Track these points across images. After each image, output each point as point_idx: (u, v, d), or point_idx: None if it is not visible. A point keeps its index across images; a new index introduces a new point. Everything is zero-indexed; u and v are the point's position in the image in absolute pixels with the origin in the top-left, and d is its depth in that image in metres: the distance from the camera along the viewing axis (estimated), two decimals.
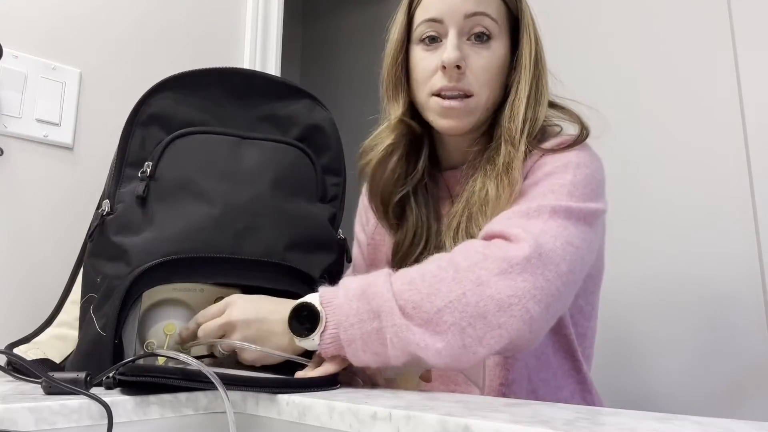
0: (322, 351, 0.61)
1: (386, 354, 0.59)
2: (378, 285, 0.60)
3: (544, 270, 0.61)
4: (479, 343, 0.57)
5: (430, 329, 0.57)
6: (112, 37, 1.07)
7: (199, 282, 0.73)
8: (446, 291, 0.58)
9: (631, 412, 0.44)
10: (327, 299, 0.62)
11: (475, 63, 0.78)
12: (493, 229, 0.66)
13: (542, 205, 0.68)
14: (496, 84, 0.80)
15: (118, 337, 0.63)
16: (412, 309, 0.58)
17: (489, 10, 0.78)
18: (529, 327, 0.58)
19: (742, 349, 1.16)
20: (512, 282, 0.59)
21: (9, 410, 0.43)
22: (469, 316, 0.57)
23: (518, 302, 0.58)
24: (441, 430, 0.40)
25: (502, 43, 0.80)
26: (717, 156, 1.24)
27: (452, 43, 0.77)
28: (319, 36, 2.69)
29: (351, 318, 0.59)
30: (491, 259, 0.60)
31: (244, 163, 0.74)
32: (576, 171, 0.73)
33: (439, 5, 0.79)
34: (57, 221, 0.96)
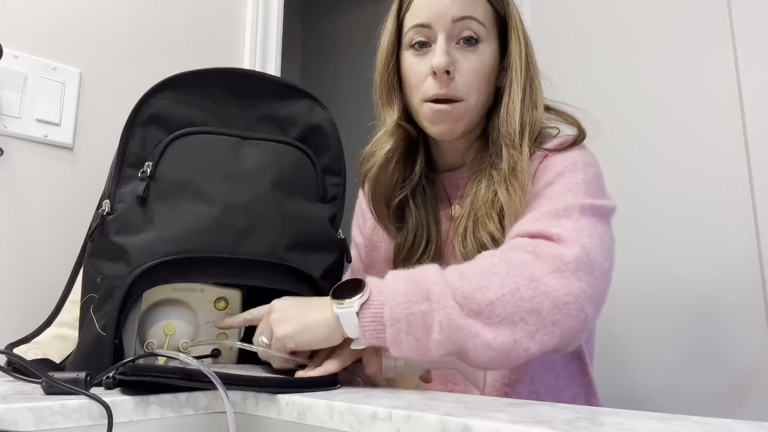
0: (362, 330, 0.59)
1: (428, 340, 0.57)
2: (428, 271, 0.60)
3: (593, 270, 0.61)
4: (531, 339, 0.57)
5: (481, 320, 0.57)
6: (112, 37, 1.07)
7: (199, 282, 0.73)
8: (499, 284, 0.58)
9: (630, 412, 0.44)
10: (373, 281, 0.61)
11: (463, 66, 0.79)
12: (529, 229, 0.66)
13: (570, 205, 0.68)
14: (485, 86, 0.81)
15: (118, 337, 0.63)
16: (462, 298, 0.57)
17: (476, 13, 0.79)
18: (583, 326, 0.59)
19: (742, 349, 1.16)
20: (566, 281, 0.59)
21: (9, 410, 0.43)
22: (522, 310, 0.57)
23: (574, 301, 0.58)
24: (441, 430, 0.40)
25: (490, 46, 0.81)
26: (717, 156, 1.24)
27: (441, 48, 0.78)
28: (319, 36, 2.69)
29: (398, 297, 0.58)
30: (543, 258, 0.60)
31: (245, 163, 0.74)
32: (585, 169, 0.74)
33: (428, 11, 0.79)
34: (57, 221, 0.96)
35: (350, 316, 0.59)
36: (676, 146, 1.30)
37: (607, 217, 0.71)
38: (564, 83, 0.85)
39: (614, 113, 1.38)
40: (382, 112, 0.87)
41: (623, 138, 1.35)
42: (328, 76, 2.56)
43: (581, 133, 0.79)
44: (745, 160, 1.20)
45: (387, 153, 0.84)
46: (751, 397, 1.15)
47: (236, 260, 0.69)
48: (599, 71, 1.45)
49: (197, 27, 1.20)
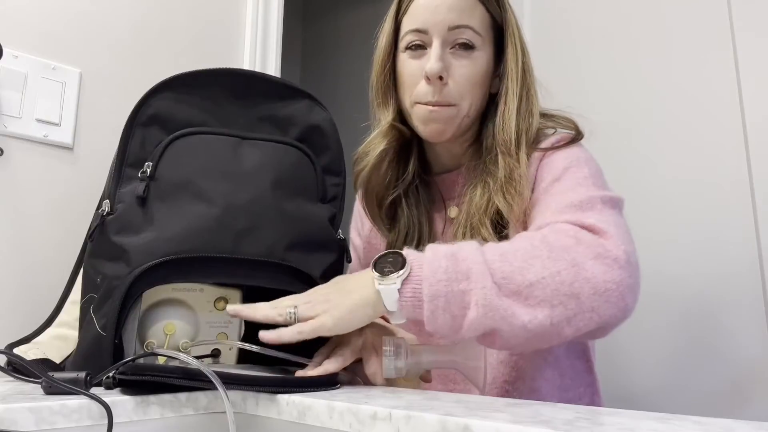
0: (400, 304, 0.59)
1: (463, 319, 0.57)
2: (468, 251, 0.60)
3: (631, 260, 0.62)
4: (567, 323, 0.57)
5: (519, 301, 0.57)
6: (112, 37, 1.07)
7: (199, 282, 0.73)
8: (540, 267, 0.58)
9: (630, 412, 0.44)
10: (413, 255, 0.61)
11: (457, 72, 0.80)
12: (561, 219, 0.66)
13: (592, 197, 0.69)
14: (478, 92, 0.82)
15: (118, 337, 0.63)
16: (501, 278, 0.57)
17: (472, 22, 0.80)
18: (623, 314, 0.60)
19: (742, 349, 1.16)
20: (608, 268, 0.59)
21: (9, 410, 0.43)
22: (562, 294, 0.57)
23: (616, 289, 0.58)
24: (441, 430, 0.40)
25: (485, 53, 0.82)
26: (717, 155, 1.24)
27: (435, 54, 0.79)
28: (319, 36, 2.69)
29: (439, 274, 0.58)
30: (585, 244, 0.61)
31: (245, 163, 0.74)
32: (588, 164, 0.75)
33: (425, 17, 0.80)
34: (57, 221, 0.96)
35: (392, 292, 0.59)
36: (676, 146, 1.30)
37: (621, 207, 0.72)
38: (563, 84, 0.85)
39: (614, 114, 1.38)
40: (377, 112, 0.88)
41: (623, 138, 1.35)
42: (328, 76, 2.56)
43: (579, 133, 0.79)
44: (745, 160, 1.20)
45: (380, 153, 0.85)
46: (751, 397, 1.14)
47: (236, 260, 0.69)
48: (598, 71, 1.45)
49: (197, 27, 1.20)
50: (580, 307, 0.57)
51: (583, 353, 0.83)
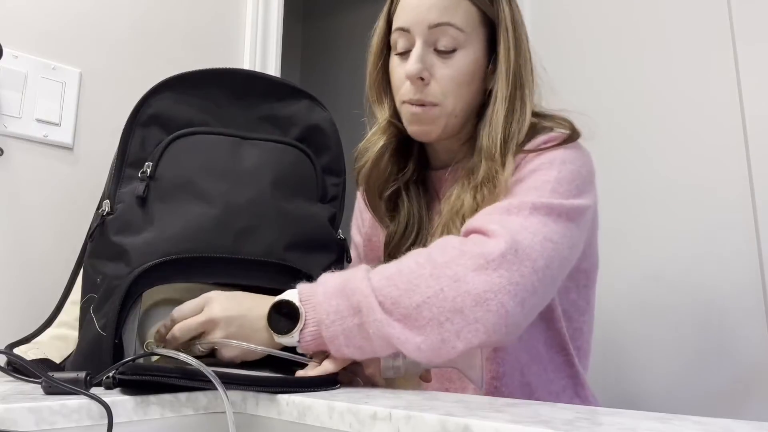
0: (302, 348, 0.62)
1: (370, 347, 0.60)
2: (357, 280, 0.61)
3: (520, 266, 0.62)
4: (457, 337, 0.58)
5: (409, 324, 0.59)
6: (112, 36, 1.07)
7: (199, 282, 0.73)
8: (424, 287, 0.59)
9: (630, 412, 0.44)
10: (306, 296, 0.62)
11: (439, 72, 0.78)
12: (472, 224, 0.68)
13: (523, 202, 0.69)
14: (465, 91, 0.80)
15: (118, 337, 0.63)
16: (391, 305, 0.59)
17: (455, 19, 0.77)
18: (504, 321, 0.59)
19: (742, 349, 1.16)
20: (488, 277, 0.60)
21: (9, 410, 0.43)
22: (446, 311, 0.58)
23: (494, 297, 0.59)
24: (441, 430, 0.40)
25: (472, 51, 0.79)
26: (717, 156, 1.24)
27: (415, 55, 0.78)
28: (319, 36, 2.69)
29: (331, 315, 0.60)
30: (468, 255, 0.61)
31: (244, 163, 0.74)
32: (561, 167, 0.74)
33: (407, 15, 0.79)
34: (57, 221, 0.96)
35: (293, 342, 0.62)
36: (676, 147, 1.30)
37: (570, 216, 0.70)
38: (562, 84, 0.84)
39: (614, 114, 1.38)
40: (374, 109, 0.88)
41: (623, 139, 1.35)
42: (327, 76, 2.56)
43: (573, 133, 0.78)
44: (745, 160, 1.20)
45: (380, 149, 0.85)
46: (751, 397, 1.14)
47: (236, 260, 0.69)
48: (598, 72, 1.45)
49: (197, 27, 1.20)
50: (465, 320, 0.58)
51: (561, 348, 0.83)
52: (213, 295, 0.67)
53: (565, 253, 0.69)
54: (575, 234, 0.71)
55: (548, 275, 0.65)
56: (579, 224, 0.72)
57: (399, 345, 0.59)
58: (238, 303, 0.66)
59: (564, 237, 0.68)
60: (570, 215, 0.70)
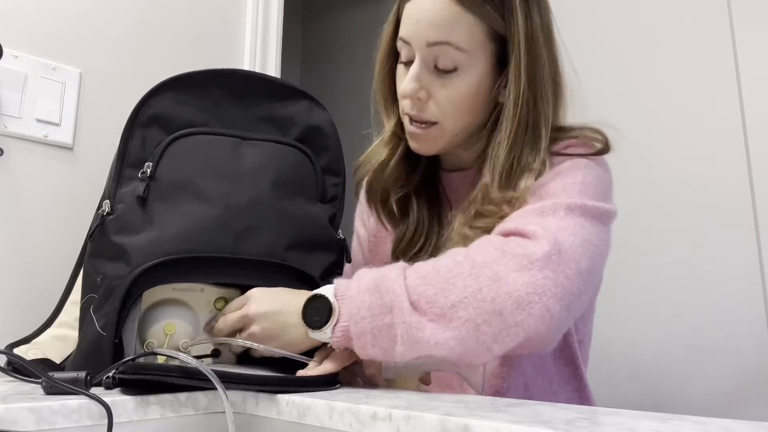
0: (333, 343, 0.61)
1: (393, 350, 0.58)
2: (391, 279, 0.59)
3: (565, 267, 0.59)
4: (494, 341, 0.56)
5: (442, 324, 0.56)
6: (112, 37, 1.07)
7: (199, 282, 0.73)
8: (462, 286, 0.57)
9: (630, 412, 0.44)
10: (341, 292, 0.61)
11: (437, 93, 0.74)
12: (508, 227, 0.65)
13: (557, 203, 0.66)
14: (467, 112, 0.76)
15: (118, 337, 0.63)
16: (425, 304, 0.57)
17: (455, 37, 0.71)
18: (548, 326, 0.57)
19: (742, 349, 1.16)
20: (532, 278, 0.57)
21: (9, 410, 0.43)
22: (484, 312, 0.56)
23: (538, 300, 0.56)
24: (441, 430, 0.40)
25: (474, 70, 0.73)
26: (717, 156, 1.24)
27: (412, 73, 0.74)
28: (319, 36, 2.69)
29: (363, 311, 0.59)
30: (510, 256, 0.59)
31: (244, 163, 0.74)
32: (585, 171, 0.72)
33: (409, 27, 0.74)
34: (57, 221, 0.96)
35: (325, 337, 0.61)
36: (676, 147, 1.30)
37: (602, 219, 0.69)
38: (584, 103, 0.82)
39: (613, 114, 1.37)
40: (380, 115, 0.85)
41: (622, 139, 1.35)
42: (327, 76, 2.56)
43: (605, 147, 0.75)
44: (745, 160, 1.20)
45: (382, 162, 0.83)
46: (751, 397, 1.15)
47: (236, 260, 0.69)
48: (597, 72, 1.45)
49: (197, 27, 1.20)
50: (505, 323, 0.56)
51: (570, 360, 0.81)
52: (255, 291, 0.69)
53: (604, 255, 0.67)
54: (607, 237, 0.69)
55: (591, 278, 0.63)
56: (609, 228, 0.71)
57: (429, 348, 0.56)
58: (274, 299, 0.67)
59: (601, 240, 0.66)
60: (602, 218, 0.68)
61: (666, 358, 1.25)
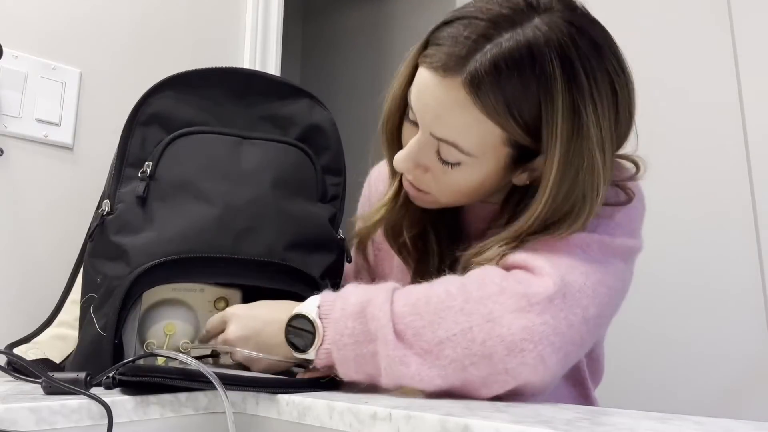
0: (316, 364, 0.58)
1: (378, 378, 0.55)
2: (377, 305, 0.55)
3: (569, 313, 0.53)
4: (482, 385, 0.52)
5: (428, 361, 0.52)
6: (112, 37, 1.07)
7: (199, 282, 0.73)
8: (452, 321, 0.52)
9: (630, 412, 0.44)
10: (325, 311, 0.58)
11: (437, 175, 0.64)
12: (515, 259, 0.59)
13: (575, 237, 0.59)
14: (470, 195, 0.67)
15: (118, 337, 0.63)
16: (412, 336, 0.53)
17: (463, 142, 0.60)
18: (541, 377, 0.52)
19: (742, 349, 1.16)
20: (529, 323, 0.51)
21: (9, 410, 0.43)
22: (473, 354, 0.51)
23: (533, 348, 0.51)
24: (441, 430, 0.40)
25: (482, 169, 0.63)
26: (717, 156, 1.24)
27: (410, 152, 0.63)
28: (319, 35, 2.69)
29: (345, 338, 0.55)
30: (508, 294, 0.53)
31: (245, 163, 0.74)
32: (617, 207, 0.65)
33: (416, 101, 0.62)
34: (57, 221, 0.96)
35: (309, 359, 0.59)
36: (676, 147, 1.30)
37: (624, 257, 0.62)
38: None
39: None
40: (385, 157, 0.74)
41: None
42: (328, 75, 2.56)
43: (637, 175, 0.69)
44: (745, 160, 1.20)
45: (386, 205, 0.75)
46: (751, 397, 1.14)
47: (236, 260, 0.69)
48: None
49: (197, 27, 1.20)
50: (494, 368, 0.51)
51: (579, 381, 0.76)
52: (234, 310, 0.66)
53: (618, 300, 0.61)
54: (627, 277, 0.63)
55: (598, 325, 0.57)
56: (631, 267, 0.65)
57: (413, 383, 0.53)
58: (254, 319, 0.64)
59: (618, 280, 0.60)
60: (624, 255, 0.62)
61: (666, 358, 1.25)
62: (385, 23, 2.21)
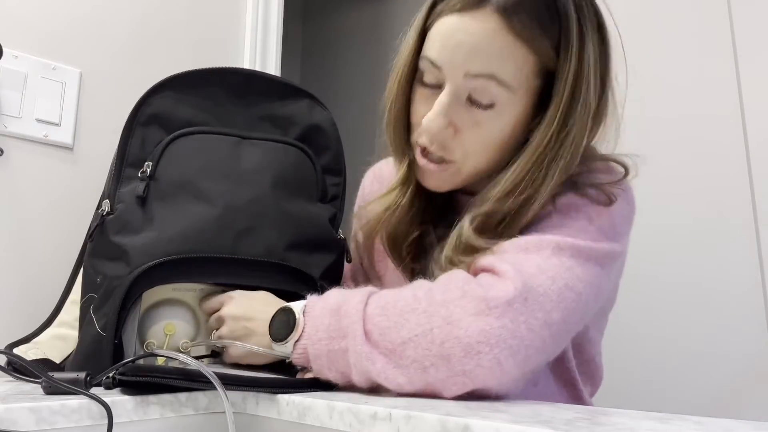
0: (294, 360, 0.60)
1: (350, 376, 0.56)
2: (352, 304, 0.57)
3: (529, 317, 0.53)
4: (442, 386, 0.52)
5: (393, 361, 0.53)
6: (112, 37, 1.07)
7: (199, 282, 0.73)
8: (414, 323, 0.53)
9: (630, 412, 0.44)
10: (308, 309, 0.60)
11: (467, 130, 0.64)
12: (482, 263, 0.59)
13: (544, 240, 0.59)
14: (494, 153, 0.67)
15: (118, 337, 0.63)
16: (378, 335, 0.54)
17: (502, 70, 0.61)
18: (498, 380, 0.52)
19: (742, 349, 1.16)
20: (486, 326, 0.52)
21: (9, 410, 0.43)
22: (432, 355, 0.52)
23: (489, 350, 0.51)
24: (441, 430, 0.40)
25: (514, 109, 0.64)
26: (717, 156, 1.24)
27: (440, 106, 0.63)
28: (319, 35, 2.69)
29: (320, 333, 0.57)
30: (469, 297, 0.54)
31: (244, 163, 0.74)
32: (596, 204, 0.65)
33: (443, 50, 0.63)
34: (57, 221, 0.96)
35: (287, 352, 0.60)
36: (676, 146, 1.30)
37: (600, 261, 0.61)
38: None
39: None
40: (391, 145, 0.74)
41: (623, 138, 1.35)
42: (328, 76, 2.56)
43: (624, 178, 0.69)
44: (745, 160, 1.20)
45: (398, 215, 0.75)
46: (751, 397, 1.14)
47: (236, 260, 0.69)
48: None
49: (197, 27, 1.20)
50: (452, 370, 0.51)
51: (570, 382, 0.76)
52: (235, 293, 0.70)
53: (588, 306, 0.59)
54: (603, 283, 0.61)
55: (562, 330, 0.56)
56: (608, 271, 0.62)
57: (380, 380, 0.54)
58: (250, 305, 0.67)
59: (589, 285, 0.58)
60: (600, 260, 0.60)
61: (666, 358, 1.25)
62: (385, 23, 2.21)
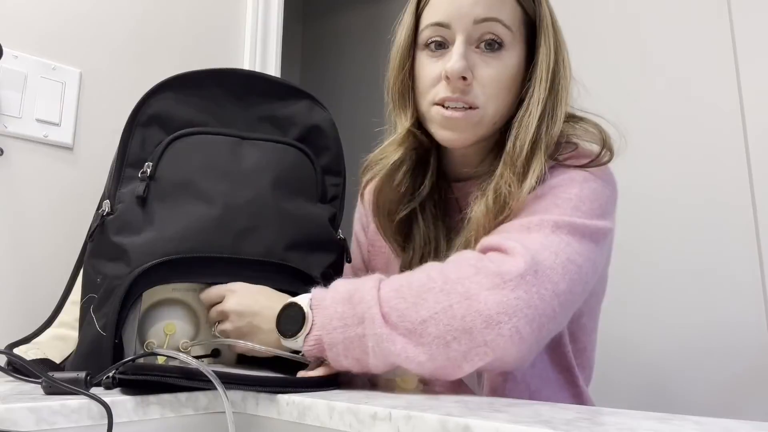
0: (305, 352, 0.61)
1: (367, 361, 0.58)
2: (365, 290, 0.59)
3: (540, 288, 0.58)
4: (464, 359, 0.55)
5: (413, 340, 0.56)
6: (112, 37, 1.07)
7: (199, 282, 0.73)
8: (432, 301, 0.56)
9: (630, 412, 0.44)
10: (316, 301, 0.61)
11: (483, 73, 0.72)
12: (489, 242, 0.64)
13: (544, 219, 0.65)
14: (506, 97, 0.74)
15: (118, 337, 0.63)
16: (396, 317, 0.57)
17: (502, 15, 0.72)
18: (517, 347, 0.55)
19: (742, 348, 1.16)
20: (503, 298, 0.56)
21: (9, 410, 0.43)
22: (454, 329, 0.55)
23: (508, 320, 0.55)
24: (441, 430, 0.40)
25: (515, 53, 0.74)
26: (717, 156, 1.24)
27: (458, 52, 0.71)
28: (319, 36, 2.69)
29: (334, 321, 0.58)
30: (483, 273, 0.57)
31: (244, 163, 0.74)
32: (583, 185, 0.69)
33: (447, 8, 0.73)
34: (57, 221, 0.96)
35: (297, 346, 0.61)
36: (676, 146, 1.30)
37: (593, 237, 0.66)
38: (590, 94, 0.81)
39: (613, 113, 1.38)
40: (393, 116, 0.81)
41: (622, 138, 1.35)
42: (327, 76, 2.56)
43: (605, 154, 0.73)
44: (745, 160, 1.20)
45: (394, 163, 0.78)
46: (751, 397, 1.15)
47: (236, 260, 0.69)
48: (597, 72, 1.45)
49: (197, 27, 1.20)
50: (474, 341, 0.55)
51: (566, 368, 0.79)
52: (236, 286, 0.69)
53: (588, 277, 0.65)
54: (597, 257, 0.67)
55: (569, 300, 0.61)
56: (601, 247, 0.68)
57: (399, 362, 0.56)
58: (254, 299, 0.67)
59: (587, 260, 0.64)
60: (593, 236, 0.66)
61: (666, 358, 1.25)
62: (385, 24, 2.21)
